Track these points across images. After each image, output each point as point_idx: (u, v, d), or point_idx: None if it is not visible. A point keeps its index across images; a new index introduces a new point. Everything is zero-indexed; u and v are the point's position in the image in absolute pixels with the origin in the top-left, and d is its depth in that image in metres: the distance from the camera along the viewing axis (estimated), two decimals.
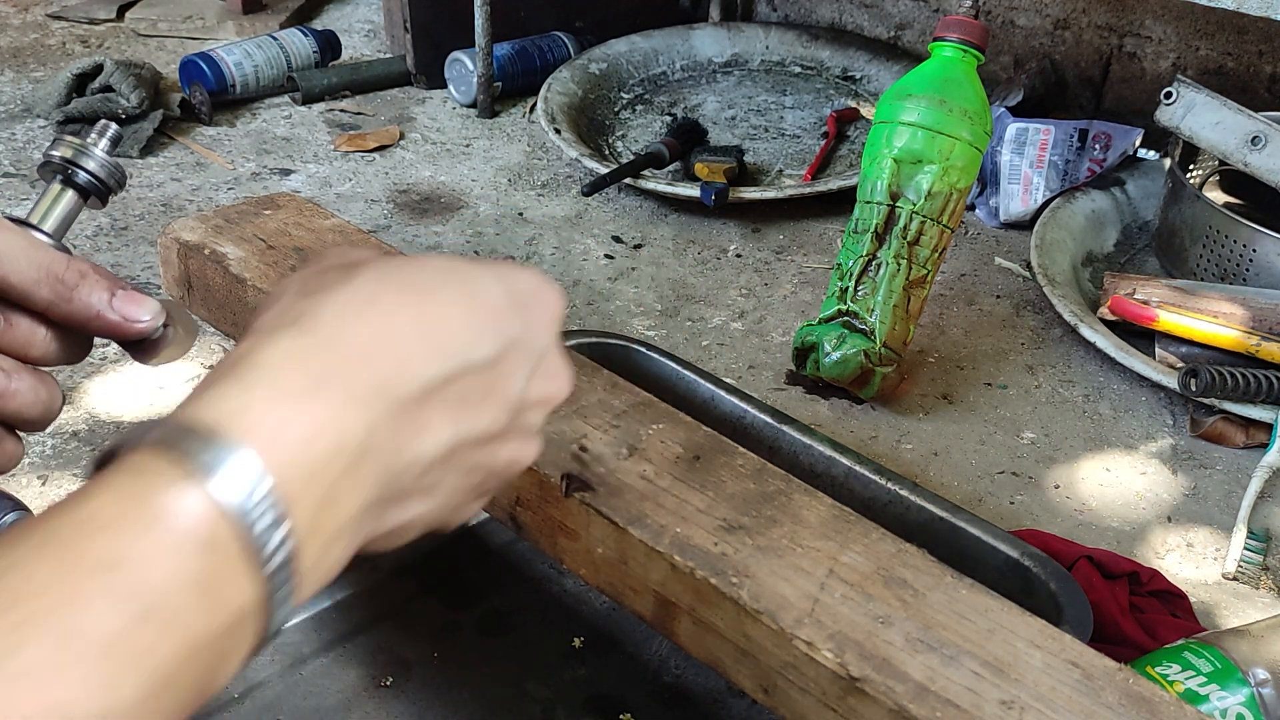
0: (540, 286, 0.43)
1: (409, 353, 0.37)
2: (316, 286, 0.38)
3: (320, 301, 0.37)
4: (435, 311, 0.39)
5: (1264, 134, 1.22)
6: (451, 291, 0.40)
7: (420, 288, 0.39)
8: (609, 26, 1.84)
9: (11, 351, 0.46)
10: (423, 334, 0.38)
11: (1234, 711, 0.68)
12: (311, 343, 0.36)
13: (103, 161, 0.50)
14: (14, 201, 1.42)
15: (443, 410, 0.38)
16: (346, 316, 0.37)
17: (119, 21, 2.05)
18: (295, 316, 0.37)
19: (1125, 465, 1.04)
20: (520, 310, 0.41)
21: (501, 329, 0.40)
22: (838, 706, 0.51)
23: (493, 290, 0.41)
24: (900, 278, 1.04)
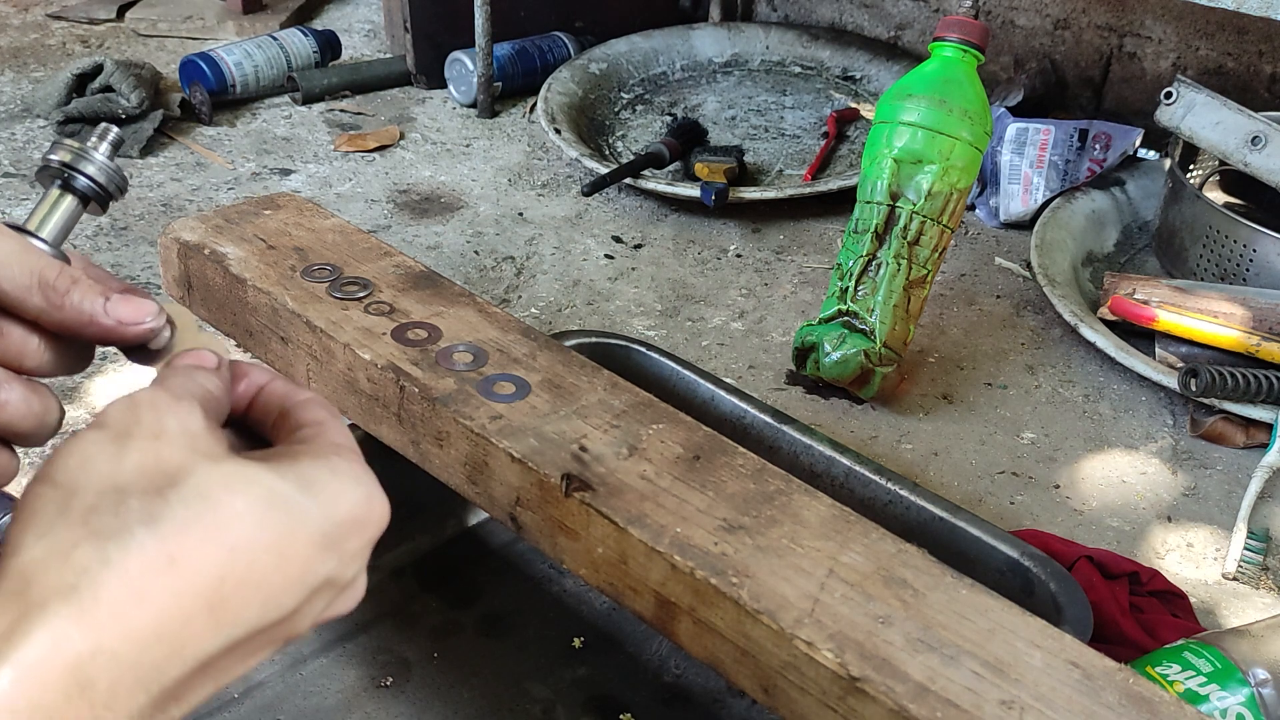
0: (365, 510, 0.39)
1: (195, 632, 0.33)
2: (107, 526, 0.33)
3: (108, 557, 0.32)
4: (241, 571, 0.34)
5: (1264, 134, 1.22)
6: (268, 538, 0.35)
7: (231, 535, 0.34)
8: (609, 26, 1.84)
9: (4, 362, 0.44)
10: (217, 605, 0.34)
11: (1234, 711, 0.68)
12: (85, 627, 0.31)
13: (102, 166, 0.49)
14: (14, 201, 1.42)
15: (212, 675, 0.35)
16: (134, 587, 0.32)
17: (119, 21, 2.05)
18: (73, 577, 0.32)
19: (1125, 465, 1.04)
20: (337, 547, 0.37)
21: (311, 576, 0.37)
22: (838, 706, 0.51)
23: (314, 528, 0.37)
24: (900, 278, 1.04)
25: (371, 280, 0.78)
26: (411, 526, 0.87)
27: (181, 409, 0.38)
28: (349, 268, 0.80)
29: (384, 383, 0.70)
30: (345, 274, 0.79)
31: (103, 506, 0.34)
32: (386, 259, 0.81)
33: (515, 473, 0.62)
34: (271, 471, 0.37)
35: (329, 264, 0.80)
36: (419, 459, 0.70)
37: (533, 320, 1.22)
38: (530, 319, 1.22)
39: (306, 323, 0.74)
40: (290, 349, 0.77)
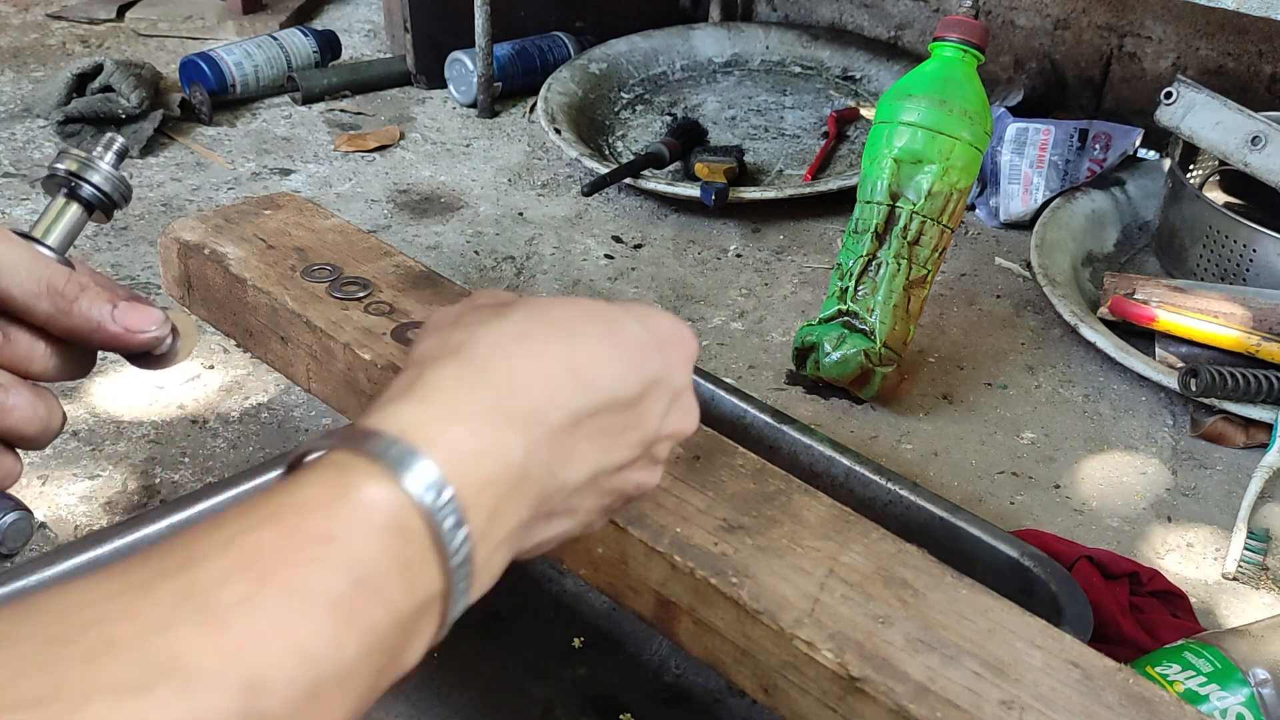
0: (677, 329, 0.45)
1: (558, 386, 0.40)
2: (471, 321, 0.41)
3: (476, 334, 0.40)
4: (582, 349, 0.41)
5: (1264, 134, 1.22)
6: (597, 331, 0.42)
7: (568, 327, 0.42)
8: (609, 26, 1.84)
9: (11, 367, 0.45)
10: (571, 370, 0.40)
11: (1234, 711, 0.68)
12: (472, 371, 0.39)
13: (107, 175, 0.49)
14: (14, 201, 1.42)
15: (588, 440, 0.41)
16: (501, 349, 0.40)
17: (119, 21, 2.05)
18: (455, 347, 0.40)
19: (1125, 465, 1.04)
20: (660, 351, 0.44)
21: (643, 368, 0.43)
22: (838, 706, 0.51)
23: (635, 331, 0.43)
24: (900, 278, 1.04)
25: (371, 280, 0.78)
26: None
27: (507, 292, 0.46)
28: (349, 268, 0.80)
29: (384, 383, 0.70)
30: (345, 274, 0.79)
31: (466, 315, 0.42)
32: (386, 259, 0.81)
33: None
34: (589, 300, 0.44)
35: (329, 264, 0.80)
36: None
37: None
38: None
39: (306, 323, 0.74)
40: (290, 349, 0.77)
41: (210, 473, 0.97)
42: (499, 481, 0.37)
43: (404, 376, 0.39)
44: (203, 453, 0.99)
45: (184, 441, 1.01)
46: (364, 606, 0.32)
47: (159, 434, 1.01)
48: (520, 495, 0.38)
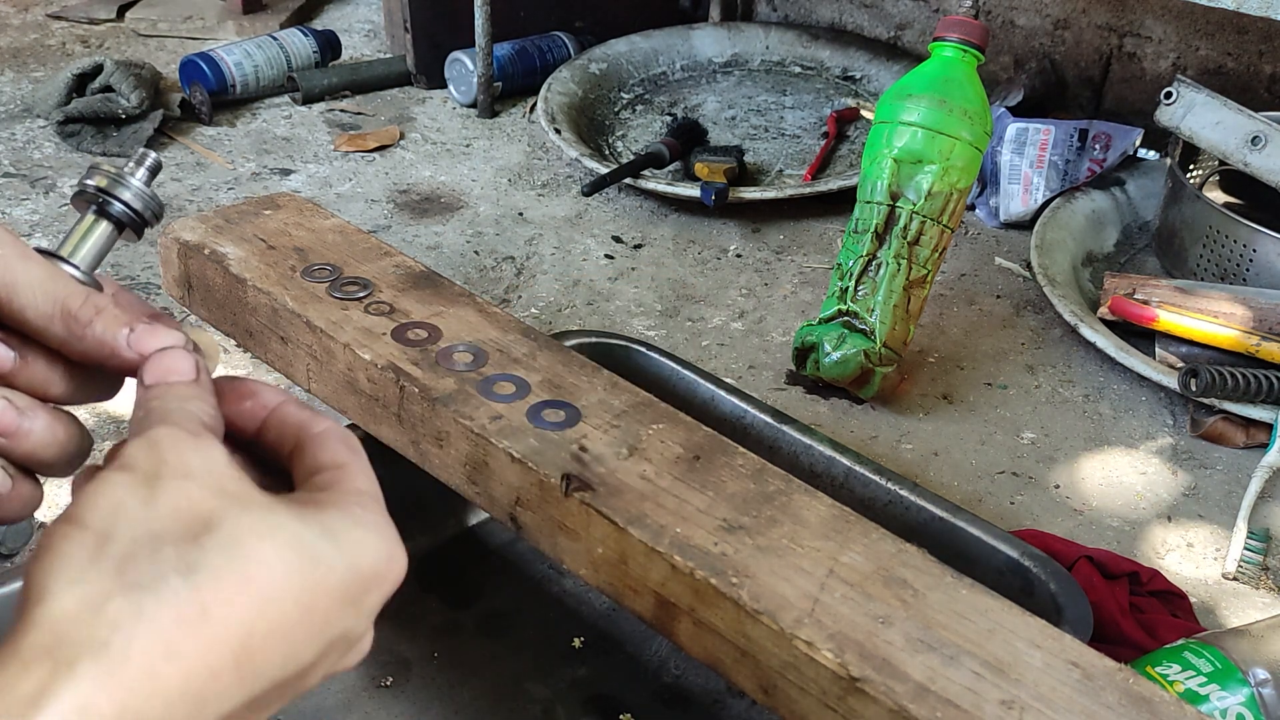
0: (387, 566, 0.39)
1: (220, 688, 0.33)
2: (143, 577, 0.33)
3: (142, 609, 0.32)
4: (267, 625, 0.34)
5: (1264, 134, 1.22)
6: (295, 591, 0.35)
7: (262, 587, 0.34)
8: (609, 26, 1.84)
9: (29, 389, 0.43)
10: (243, 660, 0.34)
11: (1234, 711, 0.68)
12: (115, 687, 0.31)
13: (139, 192, 0.47)
14: (14, 201, 1.42)
15: None
16: (167, 643, 0.32)
17: (119, 21, 2.05)
18: (106, 632, 0.31)
19: (1125, 465, 1.04)
20: (357, 602, 0.37)
21: (330, 631, 0.37)
22: (838, 706, 0.51)
23: (337, 582, 0.36)
24: (900, 278, 1.04)
25: (371, 280, 0.78)
26: (411, 526, 0.87)
27: (202, 445, 0.38)
28: (349, 268, 0.80)
29: (384, 383, 0.70)
30: (345, 274, 0.79)
31: (138, 555, 0.33)
32: (386, 259, 0.81)
33: (515, 473, 0.62)
34: (298, 519, 0.37)
35: (329, 264, 0.80)
36: (419, 459, 0.70)
37: (533, 320, 1.22)
38: (530, 319, 1.22)
39: (306, 323, 0.74)
40: (290, 349, 0.77)
41: None
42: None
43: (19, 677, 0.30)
44: None
45: None
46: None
47: None
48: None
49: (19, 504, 0.43)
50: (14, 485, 0.43)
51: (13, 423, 0.42)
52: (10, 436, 0.42)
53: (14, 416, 0.42)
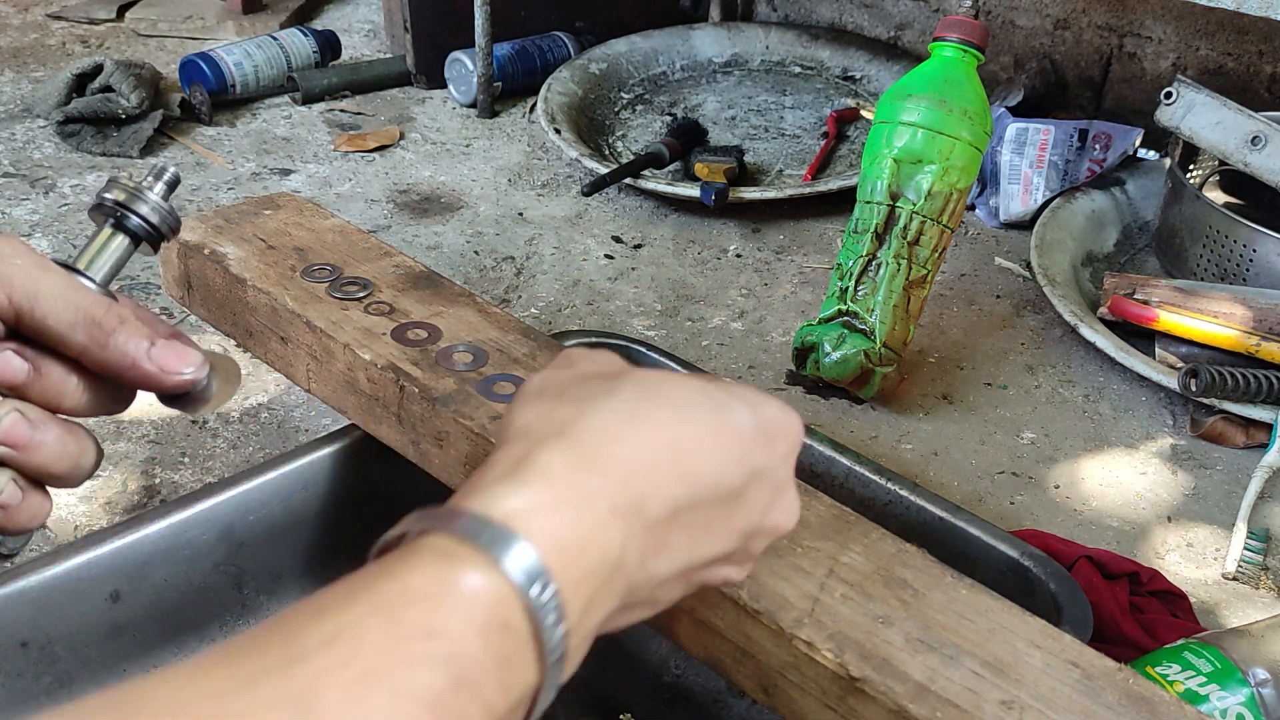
0: (786, 418, 0.45)
1: (663, 474, 0.39)
2: (578, 396, 0.41)
3: (584, 412, 0.39)
4: (690, 435, 0.40)
5: (1264, 134, 1.22)
6: (705, 417, 0.41)
7: (677, 409, 0.41)
8: (609, 26, 1.84)
9: (42, 401, 0.43)
10: (676, 457, 0.39)
11: (1234, 711, 0.68)
12: (578, 455, 0.38)
13: (156, 206, 0.47)
14: (14, 201, 1.42)
15: (684, 532, 0.40)
16: (609, 431, 0.39)
17: (119, 21, 2.05)
18: (560, 425, 0.39)
19: (1125, 465, 1.04)
20: (767, 442, 0.43)
21: (748, 460, 0.42)
22: (838, 706, 0.51)
23: (743, 419, 0.42)
24: (900, 278, 1.04)
25: (371, 280, 0.78)
26: None
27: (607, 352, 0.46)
28: (349, 268, 0.80)
29: (384, 383, 0.70)
30: (345, 274, 0.79)
31: (571, 386, 0.41)
32: (386, 259, 0.81)
33: None
34: (701, 379, 0.43)
35: (329, 264, 0.80)
36: (419, 459, 0.70)
37: (533, 320, 1.22)
38: (530, 319, 1.22)
39: (306, 323, 0.74)
40: (290, 349, 0.77)
41: (210, 473, 0.97)
42: (596, 573, 0.37)
43: (506, 453, 0.38)
44: (203, 453, 0.99)
45: (184, 441, 1.01)
46: (462, 706, 0.31)
47: (159, 434, 1.01)
48: (613, 587, 0.38)
49: (28, 515, 0.43)
50: (24, 497, 0.43)
51: (24, 435, 0.42)
52: (21, 449, 0.42)
53: (26, 429, 0.42)
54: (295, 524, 0.77)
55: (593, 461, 0.38)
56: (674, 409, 0.41)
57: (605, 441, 0.38)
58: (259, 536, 0.75)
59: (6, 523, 0.43)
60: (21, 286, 0.42)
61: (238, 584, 0.76)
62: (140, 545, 0.70)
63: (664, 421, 0.40)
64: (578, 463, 0.37)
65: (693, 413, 0.41)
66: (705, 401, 0.42)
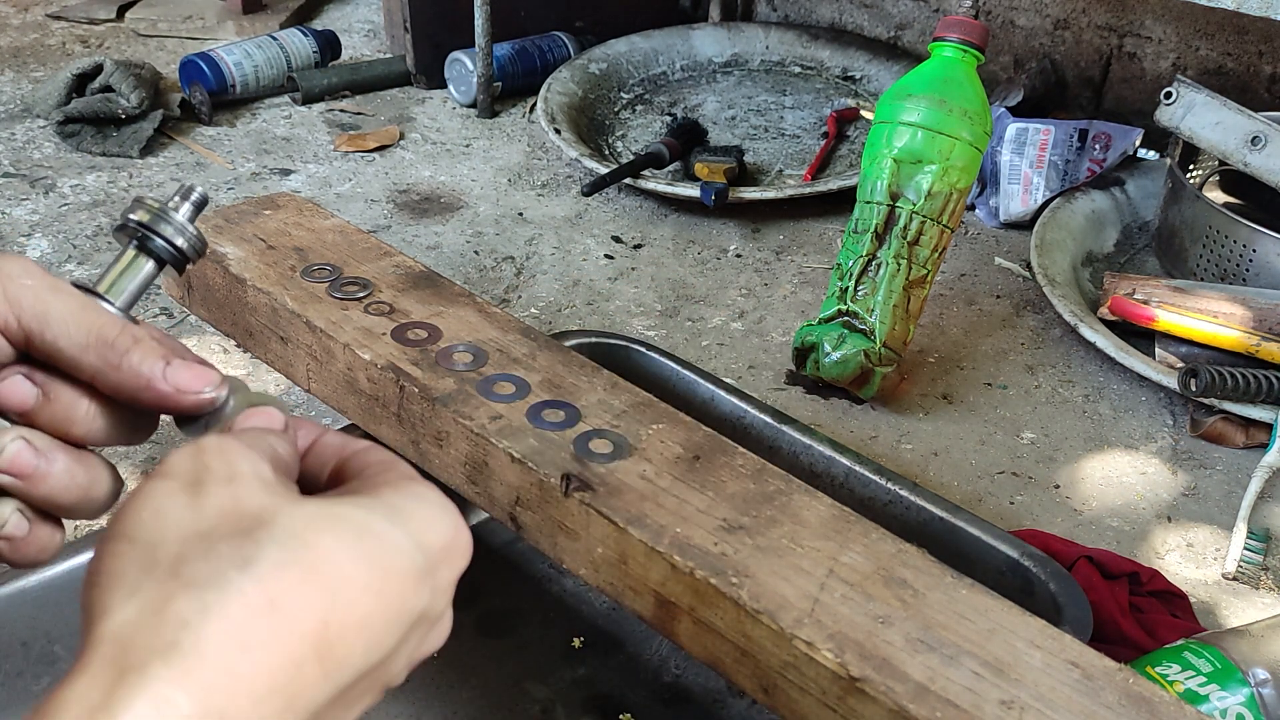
0: (454, 537, 0.38)
1: (305, 681, 0.31)
2: (200, 574, 0.31)
3: (206, 606, 0.30)
4: (342, 613, 0.33)
5: (1264, 134, 1.22)
6: (365, 575, 0.34)
7: (328, 576, 0.33)
8: (609, 26, 1.84)
9: (51, 428, 0.41)
10: (324, 652, 0.32)
11: (1234, 711, 0.68)
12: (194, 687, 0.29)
13: (181, 227, 0.45)
14: (14, 201, 1.42)
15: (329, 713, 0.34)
16: (239, 637, 0.30)
17: (119, 21, 2.05)
18: (172, 633, 0.30)
19: (1125, 465, 1.04)
20: (430, 578, 0.36)
21: (407, 612, 0.35)
22: (838, 706, 0.51)
23: (407, 560, 0.35)
24: (900, 278, 1.04)
25: (371, 280, 0.78)
26: None
27: (252, 455, 0.36)
28: (349, 268, 0.80)
29: (384, 383, 0.70)
30: (345, 274, 0.79)
31: (191, 554, 0.32)
32: (386, 259, 0.81)
33: (515, 473, 0.62)
34: (357, 506, 0.35)
35: (329, 264, 0.80)
36: (419, 459, 0.70)
37: (533, 320, 1.22)
38: (530, 319, 1.22)
39: (306, 323, 0.74)
40: (290, 349, 0.77)
41: None
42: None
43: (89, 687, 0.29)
44: None
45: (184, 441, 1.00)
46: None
47: (159, 434, 1.01)
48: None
49: (36, 548, 0.41)
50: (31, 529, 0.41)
51: (29, 464, 0.40)
52: (27, 479, 0.40)
53: (31, 457, 0.40)
54: None
55: (211, 694, 0.29)
56: (326, 575, 0.32)
57: (233, 653, 0.30)
58: None
59: (13, 555, 0.41)
60: (31, 308, 0.40)
61: None
62: None
63: (312, 602, 0.32)
64: (191, 701, 0.29)
65: (350, 574, 0.33)
66: (364, 549, 0.34)
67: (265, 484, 0.35)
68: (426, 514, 0.37)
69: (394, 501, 0.36)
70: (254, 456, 0.36)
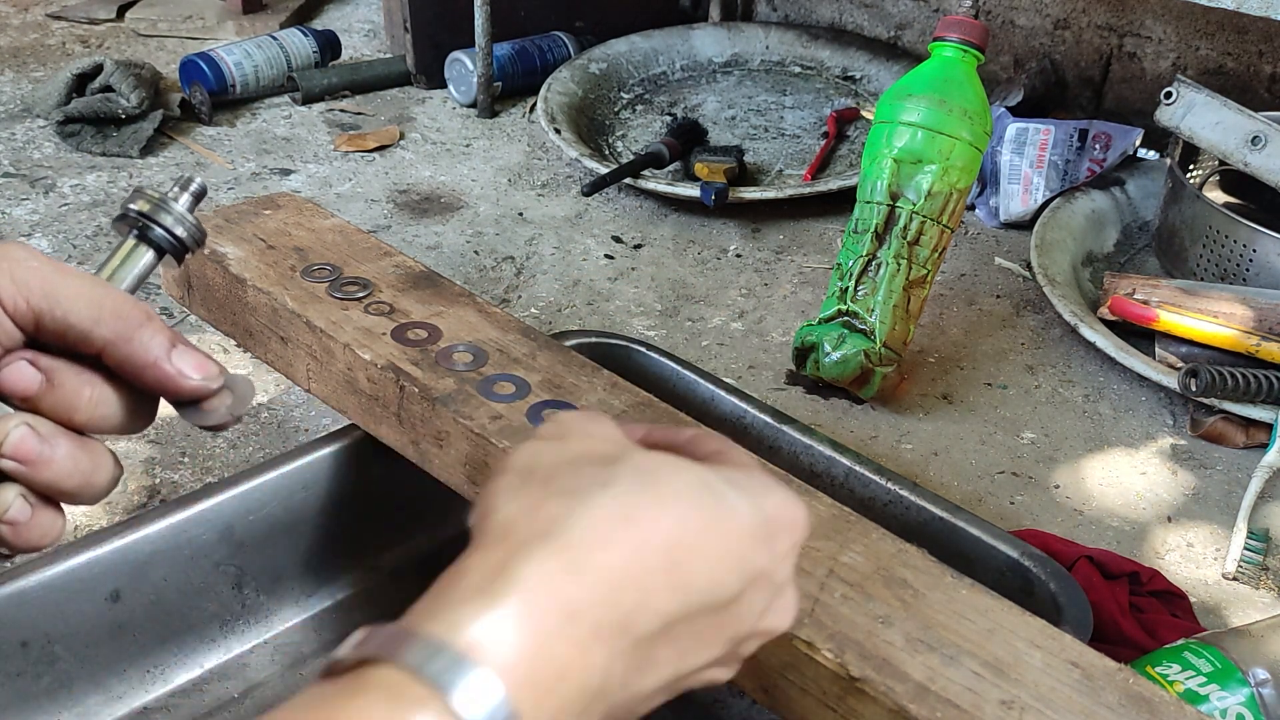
0: (791, 511, 0.41)
1: (655, 586, 0.36)
2: (569, 486, 0.37)
3: (573, 509, 0.36)
4: (687, 539, 0.37)
5: (1264, 134, 1.22)
6: (705, 516, 0.38)
7: (677, 507, 0.37)
8: (609, 26, 1.84)
9: (54, 414, 0.42)
10: (671, 566, 0.36)
11: (1234, 711, 0.68)
12: (565, 562, 0.34)
13: (181, 217, 0.46)
14: (14, 201, 1.42)
15: (673, 646, 0.38)
16: (601, 534, 0.35)
17: (119, 21, 2.05)
18: (547, 524, 0.35)
19: (1125, 465, 1.04)
20: (769, 541, 0.40)
21: (748, 563, 0.39)
22: (838, 706, 0.51)
23: (745, 517, 0.39)
24: (900, 278, 1.04)
25: (371, 280, 0.78)
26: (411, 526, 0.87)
27: (601, 421, 0.42)
28: (349, 268, 0.80)
29: (384, 383, 0.70)
30: (345, 274, 0.79)
31: (560, 473, 0.38)
32: (386, 259, 0.81)
33: None
34: (701, 466, 0.40)
35: (329, 264, 0.80)
36: (419, 459, 0.70)
37: (533, 320, 1.22)
38: (530, 319, 1.22)
39: (306, 323, 0.74)
40: (290, 349, 0.77)
41: (210, 473, 0.97)
42: (573, 705, 0.34)
43: (483, 558, 0.35)
44: (203, 453, 0.99)
45: (184, 441, 1.01)
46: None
47: (159, 434, 1.01)
48: (590, 715, 0.35)
49: (38, 533, 0.42)
50: (33, 514, 0.41)
51: (33, 450, 0.41)
52: (30, 464, 0.41)
53: (34, 443, 0.41)
54: (295, 524, 0.77)
55: (580, 572, 0.34)
56: (673, 506, 0.37)
57: (596, 547, 0.35)
58: (259, 536, 0.75)
59: (15, 540, 0.41)
60: (40, 288, 0.41)
61: (238, 584, 0.76)
62: (140, 545, 0.70)
63: (661, 522, 0.37)
64: (563, 573, 0.34)
65: (693, 512, 0.38)
66: (707, 498, 0.38)
67: (617, 440, 0.41)
68: (764, 487, 0.41)
69: (734, 474, 0.41)
70: (605, 421, 0.42)
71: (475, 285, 1.28)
